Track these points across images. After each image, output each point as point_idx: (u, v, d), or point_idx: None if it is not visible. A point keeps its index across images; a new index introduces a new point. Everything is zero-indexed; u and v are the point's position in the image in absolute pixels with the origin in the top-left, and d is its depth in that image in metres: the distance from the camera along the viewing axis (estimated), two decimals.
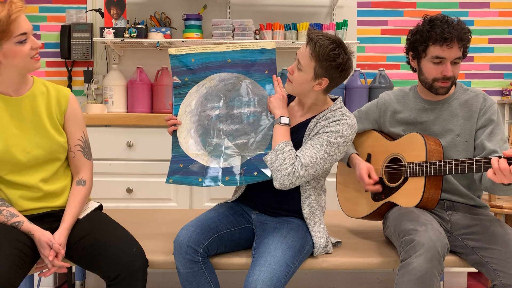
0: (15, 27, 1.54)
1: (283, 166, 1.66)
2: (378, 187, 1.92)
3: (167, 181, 1.80)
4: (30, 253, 1.62)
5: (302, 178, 1.67)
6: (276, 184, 1.68)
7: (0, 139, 1.65)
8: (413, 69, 1.93)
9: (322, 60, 1.66)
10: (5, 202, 1.67)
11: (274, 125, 1.75)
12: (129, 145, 2.86)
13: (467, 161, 1.69)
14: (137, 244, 1.68)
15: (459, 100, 1.89)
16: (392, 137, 2.01)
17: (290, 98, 1.93)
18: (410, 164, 1.86)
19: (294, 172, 1.65)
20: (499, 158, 1.54)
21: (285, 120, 1.74)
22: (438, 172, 1.77)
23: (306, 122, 1.80)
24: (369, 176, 1.92)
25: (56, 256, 1.62)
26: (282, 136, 1.72)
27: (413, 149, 1.86)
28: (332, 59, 1.66)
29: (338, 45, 1.67)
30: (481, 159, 1.65)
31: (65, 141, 1.77)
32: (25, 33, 1.57)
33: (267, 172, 1.72)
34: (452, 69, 1.80)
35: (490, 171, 1.55)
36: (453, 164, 1.73)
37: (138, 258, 1.64)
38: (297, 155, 1.69)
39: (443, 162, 1.76)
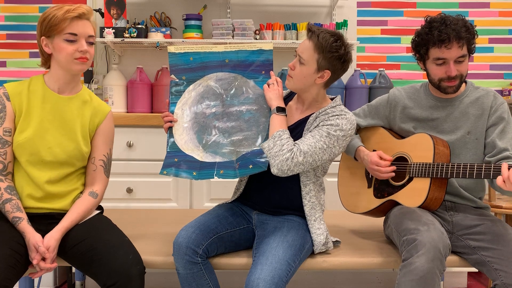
0: (67, 25, 1.69)
1: (282, 152, 1.66)
2: (393, 168, 1.90)
3: (161, 172, 1.80)
4: (25, 253, 1.62)
5: (300, 166, 1.68)
6: (274, 170, 1.68)
7: (32, 127, 1.72)
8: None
9: (325, 51, 1.71)
10: (16, 193, 1.70)
11: (271, 115, 1.76)
12: (129, 145, 2.86)
13: (475, 166, 1.69)
14: (133, 250, 1.67)
15: (470, 98, 1.88)
16: (400, 134, 2.00)
17: (288, 98, 1.94)
18: (416, 164, 1.85)
19: (292, 157, 1.66)
20: (510, 167, 1.56)
21: (281, 109, 1.75)
22: (445, 175, 1.77)
23: (306, 119, 1.81)
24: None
25: (44, 259, 1.62)
26: (279, 125, 1.73)
27: (420, 149, 1.86)
28: (334, 50, 1.71)
29: (339, 37, 1.73)
30: (491, 166, 1.65)
31: (88, 152, 1.81)
32: (75, 34, 1.70)
33: (262, 164, 1.71)
34: (456, 68, 1.79)
35: (499, 178, 1.56)
36: (461, 168, 1.73)
37: (134, 265, 1.62)
38: (296, 143, 1.70)
39: (451, 165, 1.75)
